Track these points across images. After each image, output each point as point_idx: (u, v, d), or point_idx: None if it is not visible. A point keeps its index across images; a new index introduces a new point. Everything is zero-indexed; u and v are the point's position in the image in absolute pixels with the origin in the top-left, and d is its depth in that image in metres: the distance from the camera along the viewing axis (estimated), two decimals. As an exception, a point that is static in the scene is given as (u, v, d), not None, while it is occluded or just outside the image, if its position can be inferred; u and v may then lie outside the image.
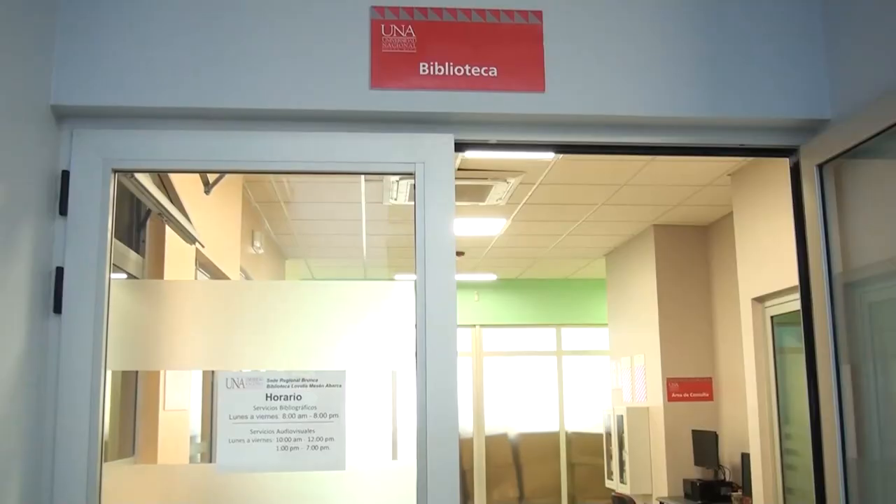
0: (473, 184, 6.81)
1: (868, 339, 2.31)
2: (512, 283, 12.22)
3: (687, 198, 7.60)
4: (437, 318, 2.27)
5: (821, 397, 2.35)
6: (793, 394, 6.27)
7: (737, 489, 7.54)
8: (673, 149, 2.56)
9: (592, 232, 9.00)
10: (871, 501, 2.22)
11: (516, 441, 12.43)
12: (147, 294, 2.41)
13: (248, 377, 2.22)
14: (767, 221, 6.29)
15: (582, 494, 12.18)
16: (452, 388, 2.25)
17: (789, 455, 6.30)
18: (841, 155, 2.34)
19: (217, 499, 2.22)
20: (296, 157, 2.31)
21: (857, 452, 2.25)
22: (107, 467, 2.19)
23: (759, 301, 6.56)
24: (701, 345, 8.60)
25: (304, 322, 2.29)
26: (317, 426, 2.20)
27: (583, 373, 12.48)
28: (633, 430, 8.96)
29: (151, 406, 3.89)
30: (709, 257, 8.70)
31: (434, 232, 2.30)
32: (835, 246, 2.40)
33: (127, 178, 2.78)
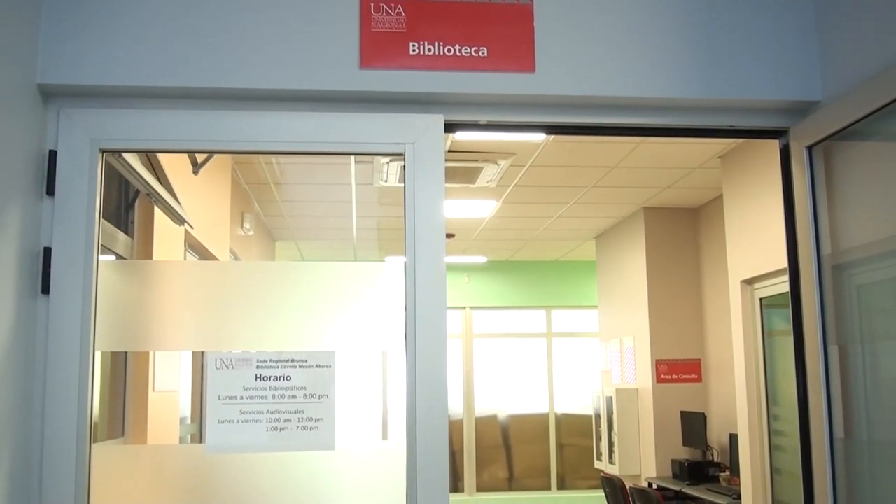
0: (464, 165, 6.80)
1: (856, 320, 2.33)
2: (502, 266, 12.24)
3: (677, 180, 7.61)
4: (426, 300, 2.27)
5: (808, 378, 2.37)
6: (781, 375, 6.31)
7: (724, 469, 7.60)
8: (663, 130, 2.55)
9: (582, 214, 9.01)
10: (857, 481, 2.24)
11: (506, 422, 12.48)
12: (136, 275, 2.40)
13: (237, 358, 2.22)
14: (757, 204, 6.30)
15: (571, 475, 12.25)
16: (442, 369, 2.25)
17: (777, 436, 6.35)
18: (830, 137, 2.35)
19: (207, 479, 2.22)
20: (285, 137, 2.30)
21: (845, 432, 2.27)
22: (96, 448, 2.19)
23: (748, 283, 6.59)
24: (690, 327, 8.64)
25: (294, 303, 2.29)
26: (306, 407, 2.20)
27: (572, 355, 12.53)
28: (622, 412, 9.01)
29: (141, 387, 3.89)
30: (698, 240, 8.73)
31: (424, 212, 2.30)
32: (823, 228, 2.41)
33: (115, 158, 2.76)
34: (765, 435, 6.42)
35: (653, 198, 8.33)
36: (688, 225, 8.79)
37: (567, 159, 6.90)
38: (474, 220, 9.13)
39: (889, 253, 2.28)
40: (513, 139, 6.25)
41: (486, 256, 11.65)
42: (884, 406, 2.25)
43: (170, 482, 2.25)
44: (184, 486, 2.24)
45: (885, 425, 2.23)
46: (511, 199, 8.13)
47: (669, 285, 8.69)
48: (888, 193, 2.26)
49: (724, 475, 7.50)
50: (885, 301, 2.36)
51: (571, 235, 10.29)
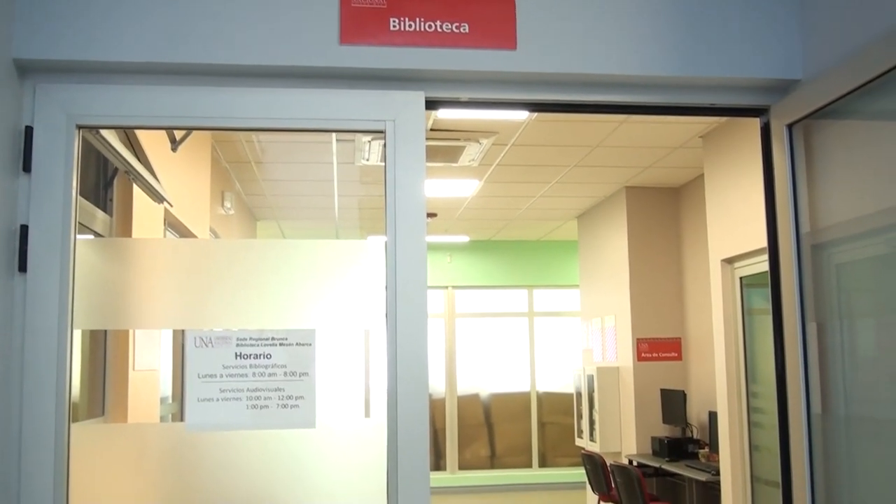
0: (446, 144, 6.78)
1: (834, 298, 2.34)
2: (484, 245, 12.25)
3: (659, 159, 7.63)
4: (407, 279, 2.26)
5: (786, 355, 2.39)
6: (760, 354, 6.37)
7: (704, 446, 7.67)
8: (644, 108, 2.55)
9: (565, 193, 9.02)
10: (834, 455, 2.26)
11: (488, 401, 12.54)
12: (115, 252, 2.38)
13: (217, 336, 2.21)
14: (738, 183, 6.33)
15: (552, 453, 12.34)
16: (423, 348, 2.25)
17: (756, 413, 6.42)
18: (810, 115, 2.35)
19: (187, 458, 2.22)
20: (264, 113, 2.28)
21: (822, 408, 2.29)
22: (75, 427, 2.18)
23: (728, 262, 6.63)
24: (671, 305, 8.70)
25: (275, 281, 2.28)
26: (287, 384, 2.20)
27: (554, 334, 12.59)
28: (603, 390, 9.07)
29: (121, 366, 3.87)
30: (679, 219, 8.76)
31: (405, 190, 2.29)
32: (803, 206, 2.42)
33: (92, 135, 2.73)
34: (744, 412, 6.48)
35: (634, 177, 8.35)
36: (669, 204, 8.82)
37: (549, 138, 6.90)
38: (457, 200, 9.12)
39: (867, 232, 2.29)
40: (495, 118, 6.24)
41: (468, 236, 11.65)
42: (860, 382, 2.27)
43: (150, 461, 2.24)
44: (164, 464, 2.24)
45: (861, 401, 2.26)
46: (493, 178, 8.13)
47: (650, 264, 8.74)
48: (866, 172, 2.27)
49: (703, 452, 7.57)
50: (862, 280, 2.38)
51: (553, 215, 10.30)
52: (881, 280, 2.33)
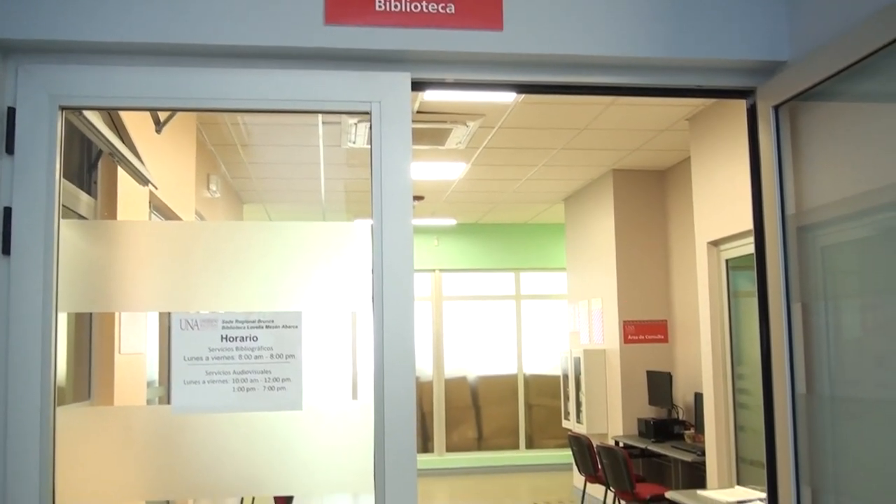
0: (433, 127, 6.76)
1: (819, 280, 2.36)
2: (471, 228, 12.25)
3: (645, 142, 7.64)
4: (393, 262, 2.26)
5: (772, 335, 2.40)
6: (745, 335, 6.41)
7: (689, 427, 7.73)
8: (631, 89, 2.55)
9: (552, 176, 9.02)
10: (818, 435, 2.28)
11: (475, 384, 12.58)
12: (99, 235, 2.37)
13: (202, 318, 2.20)
14: (724, 166, 6.35)
15: (539, 435, 12.41)
16: (409, 331, 2.25)
17: (741, 394, 6.47)
18: (797, 97, 2.36)
19: (173, 440, 2.21)
20: (248, 94, 2.27)
21: (807, 388, 2.31)
22: (61, 411, 2.17)
23: (714, 245, 6.65)
24: (657, 288, 8.73)
25: (261, 264, 2.27)
26: (273, 367, 2.19)
27: (541, 316, 12.63)
28: (589, 372, 9.12)
29: (106, 350, 3.85)
30: (666, 202, 8.78)
31: (391, 171, 2.28)
32: (789, 187, 2.43)
33: (75, 116, 2.70)
34: (729, 393, 6.53)
35: (621, 160, 8.36)
36: (656, 187, 8.84)
37: (536, 121, 6.89)
38: (443, 183, 9.11)
39: (852, 214, 2.30)
40: (482, 100, 6.22)
41: (455, 219, 11.65)
42: (844, 363, 2.29)
43: (136, 443, 2.24)
44: (150, 447, 2.23)
45: (845, 381, 2.27)
46: (480, 161, 8.12)
47: (637, 247, 8.76)
48: (852, 154, 2.28)
49: (689, 433, 7.63)
50: (847, 262, 2.40)
51: (540, 198, 10.31)
52: (865, 262, 2.35)
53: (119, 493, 2.35)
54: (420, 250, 11.61)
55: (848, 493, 2.25)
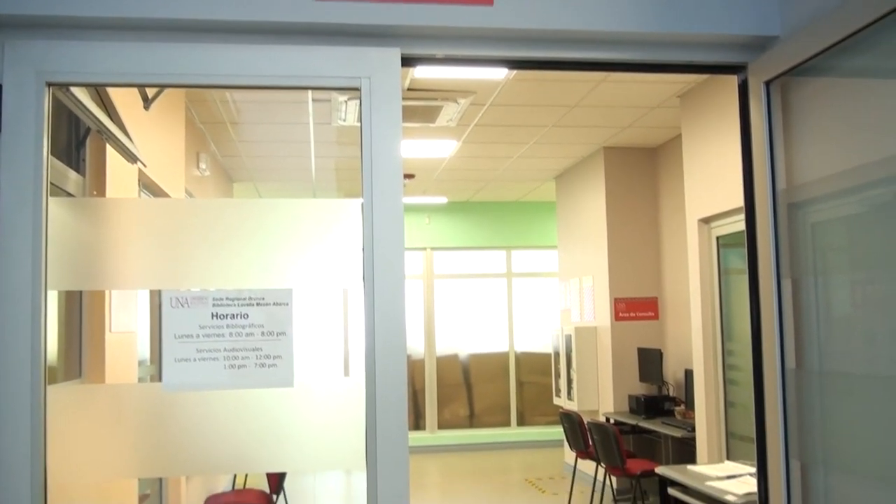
0: (423, 104, 6.74)
1: (809, 256, 2.36)
2: (462, 206, 12.24)
3: (636, 119, 7.62)
4: (384, 240, 2.25)
5: (762, 310, 2.41)
6: (736, 312, 6.44)
7: (680, 404, 7.78)
8: (622, 65, 2.54)
9: (543, 154, 9.01)
10: (807, 409, 2.30)
11: (467, 361, 12.62)
12: (88, 213, 2.35)
13: (192, 296, 2.19)
14: (715, 143, 6.35)
15: (530, 412, 12.47)
16: (400, 309, 2.24)
17: (731, 370, 6.50)
18: (788, 72, 2.35)
19: (164, 417, 2.21)
20: (237, 70, 2.25)
21: (796, 363, 2.32)
22: (52, 389, 2.16)
23: (705, 222, 6.67)
24: (648, 265, 8.75)
25: (251, 241, 2.26)
26: (264, 344, 2.19)
27: (532, 294, 12.65)
28: (580, 349, 9.15)
29: (97, 328, 3.84)
30: (657, 179, 8.79)
31: (381, 148, 2.27)
32: (779, 163, 2.43)
33: (63, 93, 2.68)
34: (719, 370, 6.57)
35: (612, 137, 8.35)
36: (646, 165, 8.84)
37: (527, 98, 6.87)
38: (434, 161, 9.09)
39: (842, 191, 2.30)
40: (472, 77, 6.19)
41: (446, 197, 11.63)
42: (834, 338, 2.30)
43: (127, 421, 2.23)
44: (141, 424, 2.23)
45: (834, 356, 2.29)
46: (471, 138, 8.10)
47: (628, 225, 8.77)
48: (843, 130, 2.28)
49: (679, 409, 7.68)
50: (837, 238, 2.40)
51: (531, 176, 10.30)
52: (855, 238, 2.36)
53: (111, 471, 2.36)
54: (411, 228, 11.60)
55: (836, 467, 2.27)
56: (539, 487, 9.40)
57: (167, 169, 5.29)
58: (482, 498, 9.01)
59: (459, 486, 9.79)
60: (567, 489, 8.80)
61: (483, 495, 9.13)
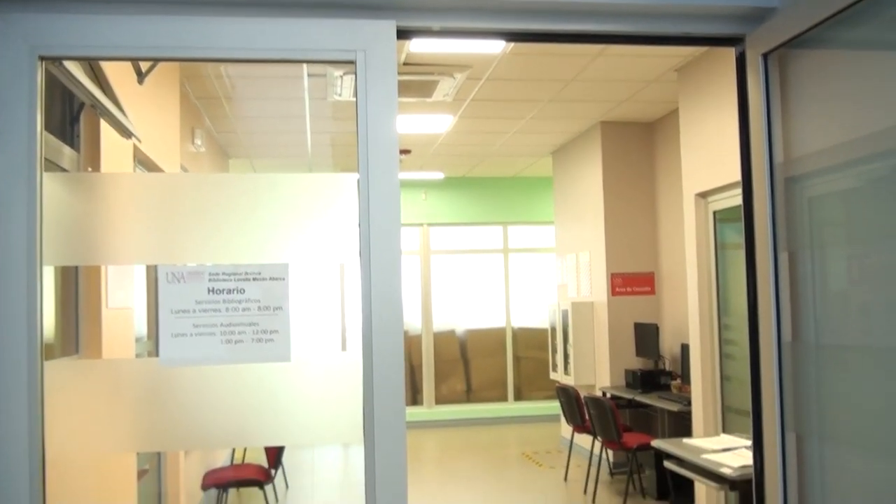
0: (419, 79, 6.70)
1: (806, 230, 2.36)
2: (459, 182, 12.21)
3: (634, 94, 7.59)
4: (380, 215, 2.24)
5: (758, 283, 2.41)
6: (732, 287, 6.45)
7: (676, 378, 7.81)
8: (620, 37, 2.51)
9: (539, 129, 8.98)
10: (803, 382, 2.30)
11: (464, 337, 12.66)
12: (84, 188, 2.34)
13: (188, 271, 2.19)
14: (712, 117, 6.32)
15: (527, 387, 12.53)
16: (397, 285, 2.24)
17: (727, 344, 6.52)
18: (786, 44, 2.33)
19: (162, 392, 2.21)
20: (229, 43, 2.22)
21: (792, 335, 2.32)
22: (48, 365, 2.16)
23: (702, 196, 6.66)
24: (645, 240, 8.76)
25: (247, 215, 2.25)
26: (261, 319, 2.19)
27: (529, 270, 12.67)
28: (577, 324, 9.18)
29: (94, 304, 3.84)
30: (654, 154, 8.77)
31: (377, 122, 2.26)
32: (777, 136, 2.42)
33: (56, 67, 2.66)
34: (715, 344, 6.59)
35: (609, 112, 8.32)
36: (644, 139, 8.82)
37: (524, 72, 6.83)
38: (431, 136, 9.06)
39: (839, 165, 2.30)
40: (468, 51, 6.16)
41: (443, 173, 11.60)
42: (830, 310, 2.30)
43: (124, 396, 2.24)
44: (138, 399, 2.23)
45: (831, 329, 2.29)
46: (467, 113, 8.06)
47: (625, 200, 8.77)
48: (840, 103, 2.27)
49: (675, 383, 7.71)
50: (834, 212, 2.40)
51: (528, 151, 10.27)
52: (851, 213, 2.35)
53: (109, 446, 2.37)
54: (408, 204, 11.58)
55: (832, 438, 2.28)
56: (536, 461, 9.46)
57: (162, 145, 5.26)
58: (480, 472, 9.07)
59: (457, 460, 9.85)
60: (564, 463, 8.86)
61: (480, 469, 9.19)
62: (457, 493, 8.24)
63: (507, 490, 8.21)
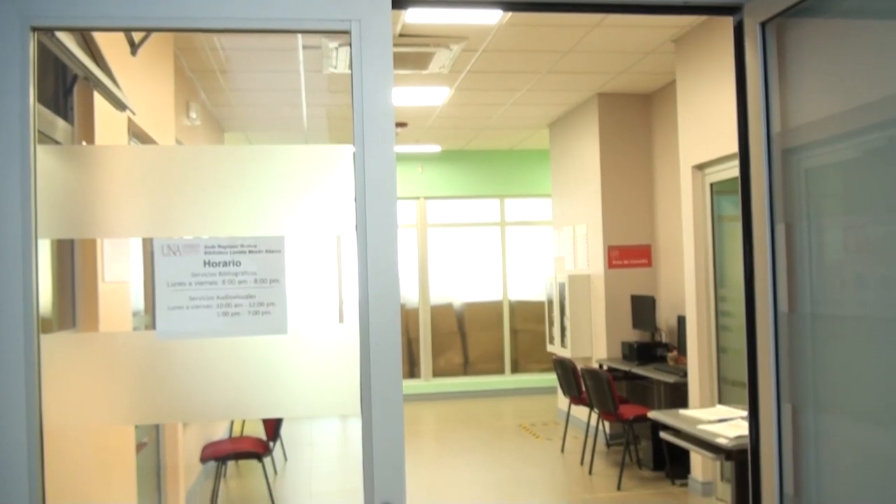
0: (415, 51, 6.66)
1: (803, 202, 2.36)
2: (456, 155, 12.17)
3: (631, 65, 7.55)
4: (376, 188, 2.23)
5: (755, 254, 2.41)
6: (729, 259, 6.46)
7: (672, 350, 7.84)
8: (617, 6, 2.49)
9: (536, 101, 8.94)
10: (799, 352, 2.31)
11: (461, 310, 12.68)
12: (78, 160, 2.33)
13: (184, 244, 2.18)
14: (710, 89, 6.30)
15: (524, 359, 12.57)
16: (393, 259, 2.23)
17: (723, 316, 6.54)
18: (784, 13, 2.32)
19: (159, 365, 2.21)
20: (221, 13, 2.20)
21: (789, 306, 2.33)
22: (45, 339, 2.16)
23: (699, 168, 6.65)
24: (641, 213, 8.75)
25: (242, 188, 2.24)
26: (257, 291, 2.19)
27: (526, 243, 12.67)
28: (574, 297, 9.19)
29: (90, 278, 3.83)
30: (651, 126, 8.74)
31: (372, 93, 2.24)
32: (775, 106, 2.41)
33: (48, 38, 2.63)
34: (712, 316, 6.60)
35: (606, 84, 8.28)
36: (641, 111, 8.78)
37: (520, 44, 6.79)
38: (427, 109, 9.01)
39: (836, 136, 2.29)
40: (465, 22, 6.11)
41: (439, 146, 11.56)
42: (826, 281, 2.30)
43: (121, 369, 2.24)
44: (136, 372, 2.23)
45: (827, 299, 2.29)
46: (464, 85, 8.02)
47: (622, 172, 8.75)
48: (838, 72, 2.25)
49: (671, 355, 7.74)
50: (830, 183, 2.40)
51: (525, 123, 10.23)
52: (848, 184, 2.35)
53: (107, 418, 2.37)
54: (404, 178, 11.54)
55: (827, 408, 2.29)
56: (533, 433, 9.51)
57: (157, 118, 5.23)
58: (477, 444, 9.12)
59: (454, 432, 9.90)
60: (560, 434, 8.91)
61: (478, 441, 9.24)
62: (454, 465, 8.30)
63: (505, 461, 8.27)
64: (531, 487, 7.32)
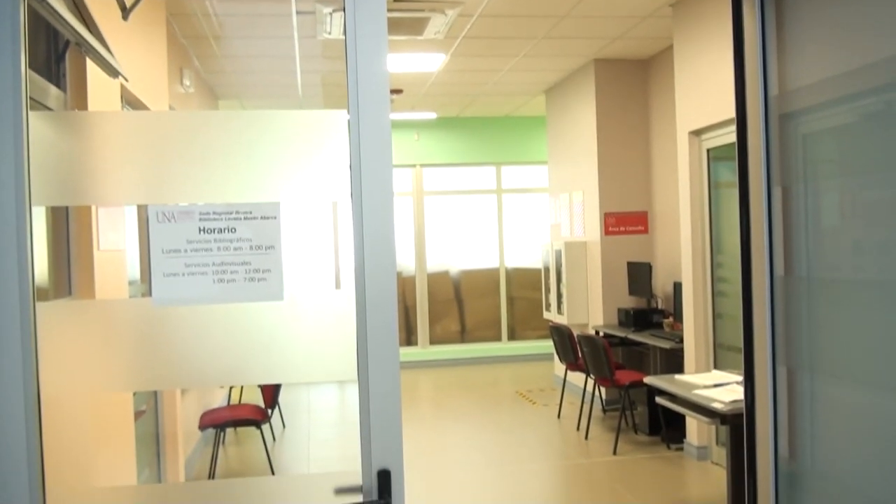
0: (410, 16, 6.60)
1: (800, 167, 2.35)
2: (452, 122, 12.12)
3: (628, 30, 7.50)
4: (371, 155, 2.21)
5: (752, 217, 2.41)
6: (725, 225, 6.46)
7: (668, 316, 7.87)
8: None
9: (532, 67, 8.88)
10: (795, 316, 2.32)
11: (458, 278, 12.70)
12: (71, 127, 2.31)
13: (179, 210, 2.17)
14: (707, 53, 6.26)
15: (521, 326, 12.62)
16: (389, 226, 2.22)
17: (719, 282, 6.56)
18: (783, -26, 2.29)
19: (156, 332, 2.21)
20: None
21: (785, 270, 2.33)
22: (41, 306, 2.15)
23: (695, 134, 6.63)
24: (638, 179, 8.74)
25: (237, 153, 2.22)
26: (253, 258, 2.18)
27: (522, 210, 12.66)
28: (570, 264, 9.20)
29: (85, 246, 3.82)
30: (648, 92, 8.69)
31: (367, 59, 2.22)
32: (772, 71, 2.39)
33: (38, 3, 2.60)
34: (708, 282, 6.62)
35: (603, 49, 8.22)
36: (638, 77, 8.73)
37: (516, 8, 6.73)
38: (423, 75, 8.95)
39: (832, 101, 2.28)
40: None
41: (435, 113, 11.51)
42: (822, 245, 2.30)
43: (118, 336, 2.24)
44: (132, 339, 2.23)
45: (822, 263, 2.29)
46: (460, 51, 7.96)
47: (618, 139, 8.72)
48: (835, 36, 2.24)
49: (667, 321, 7.77)
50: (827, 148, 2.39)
51: (521, 90, 10.18)
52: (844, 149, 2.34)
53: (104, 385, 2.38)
54: (400, 145, 11.50)
55: (822, 371, 2.30)
56: (529, 399, 9.57)
57: (150, 84, 5.19)
58: (474, 410, 9.18)
59: (452, 398, 9.96)
60: (557, 401, 8.97)
61: (475, 407, 9.30)
62: (452, 431, 8.35)
63: (501, 427, 8.33)
64: (528, 453, 7.38)
